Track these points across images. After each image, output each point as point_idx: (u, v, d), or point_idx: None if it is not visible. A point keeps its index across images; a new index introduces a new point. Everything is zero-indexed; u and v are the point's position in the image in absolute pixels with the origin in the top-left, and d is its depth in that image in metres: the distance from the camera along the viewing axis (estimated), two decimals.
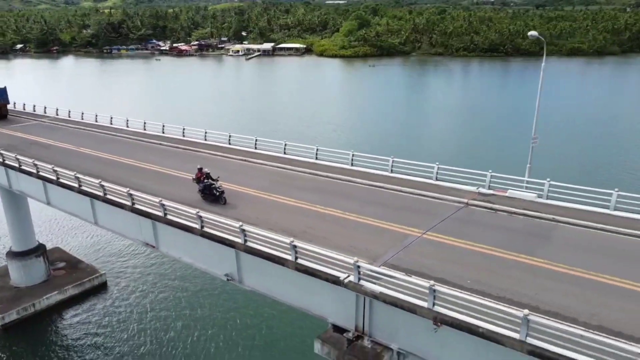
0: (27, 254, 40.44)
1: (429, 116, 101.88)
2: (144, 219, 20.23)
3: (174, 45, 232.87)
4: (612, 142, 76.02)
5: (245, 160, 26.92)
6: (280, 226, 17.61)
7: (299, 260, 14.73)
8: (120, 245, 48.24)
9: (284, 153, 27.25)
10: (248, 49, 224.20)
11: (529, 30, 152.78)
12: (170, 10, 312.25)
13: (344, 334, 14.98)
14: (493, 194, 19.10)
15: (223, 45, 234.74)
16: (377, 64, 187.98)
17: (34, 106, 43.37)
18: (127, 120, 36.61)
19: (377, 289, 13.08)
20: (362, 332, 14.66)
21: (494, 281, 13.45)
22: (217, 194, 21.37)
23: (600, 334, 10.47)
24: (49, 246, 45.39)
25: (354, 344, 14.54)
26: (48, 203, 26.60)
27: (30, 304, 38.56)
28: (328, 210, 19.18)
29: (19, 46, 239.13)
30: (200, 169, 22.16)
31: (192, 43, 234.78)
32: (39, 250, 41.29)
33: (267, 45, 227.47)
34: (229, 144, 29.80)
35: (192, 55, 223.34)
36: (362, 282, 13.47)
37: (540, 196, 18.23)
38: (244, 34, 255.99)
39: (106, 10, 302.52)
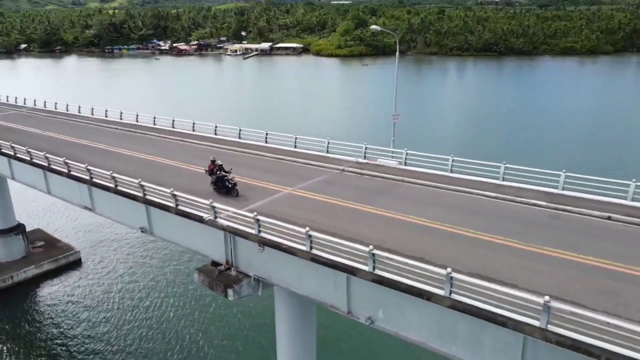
0: (8, 232, 44.51)
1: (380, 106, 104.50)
2: (82, 185, 24.13)
3: (174, 45, 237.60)
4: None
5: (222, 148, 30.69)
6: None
7: (179, 207, 18.55)
8: (97, 226, 52.32)
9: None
10: (246, 49, 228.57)
11: (523, 30, 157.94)
12: (173, 11, 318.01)
13: (218, 267, 18.79)
14: (367, 163, 22.80)
15: (222, 45, 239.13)
16: (371, 63, 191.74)
17: (16, 98, 47.52)
18: (106, 111, 40.63)
19: (226, 223, 16.87)
20: (230, 265, 18.44)
21: (325, 220, 17.13)
22: (230, 185, 21.28)
23: (396, 253, 14.00)
24: (32, 227, 49.64)
25: (222, 273, 18.35)
26: (13, 178, 30.58)
27: (8, 276, 42.58)
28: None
29: (23, 46, 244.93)
30: (213, 161, 22.00)
31: (191, 43, 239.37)
32: (19, 229, 45.33)
33: (265, 45, 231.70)
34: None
35: (191, 54, 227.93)
36: (219, 220, 17.27)
37: (400, 163, 21.91)
38: (243, 33, 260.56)
39: (110, 11, 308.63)
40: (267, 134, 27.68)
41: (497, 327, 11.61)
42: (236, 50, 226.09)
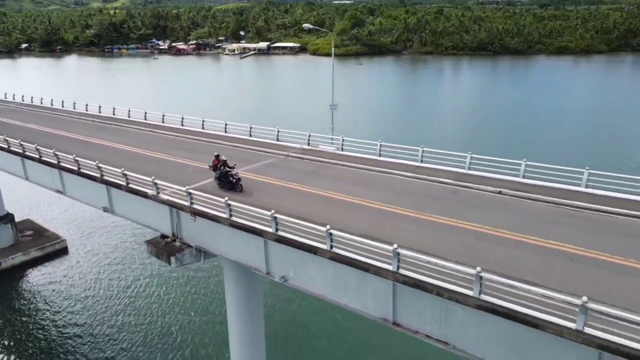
0: None
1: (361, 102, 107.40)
2: (53, 169, 26.42)
3: (173, 44, 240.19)
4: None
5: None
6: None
7: (130, 185, 20.83)
8: (85, 218, 54.70)
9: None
10: (244, 48, 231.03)
11: (518, 29, 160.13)
12: (174, 11, 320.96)
13: (165, 239, 21.05)
14: (310, 149, 25.02)
15: (220, 45, 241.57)
16: (366, 62, 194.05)
17: (5, 94, 49.93)
18: (87, 105, 42.92)
19: (166, 197, 19.13)
20: (175, 237, 20.70)
21: (255, 194, 19.39)
22: (234, 181, 21.44)
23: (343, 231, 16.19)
24: (22, 218, 52.15)
25: (168, 244, 20.60)
26: None
27: None
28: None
29: (23, 46, 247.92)
30: (217, 156, 22.23)
31: (190, 42, 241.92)
32: (7, 218, 47.74)
33: (263, 45, 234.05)
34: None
35: (189, 54, 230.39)
36: (162, 195, 19.54)
37: (338, 149, 24.13)
38: (242, 33, 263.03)
39: (111, 11, 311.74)
40: (226, 124, 29.92)
41: (372, 276, 13.79)
42: (234, 50, 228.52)
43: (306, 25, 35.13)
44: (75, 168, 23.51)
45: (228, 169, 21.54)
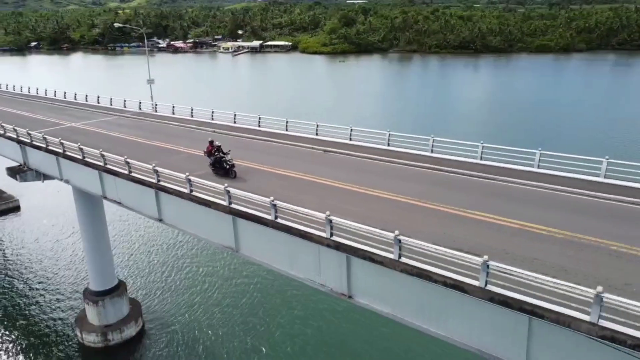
0: None
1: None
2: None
3: (171, 43, 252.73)
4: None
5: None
6: None
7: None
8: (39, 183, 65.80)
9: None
10: (238, 46, 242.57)
11: (500, 28, 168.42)
12: (183, 11, 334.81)
13: (20, 166, 31.73)
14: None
15: (216, 43, 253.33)
16: (353, 60, 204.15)
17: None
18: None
19: (15, 135, 29.87)
20: (25, 165, 31.33)
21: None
22: (227, 167, 21.54)
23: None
24: None
25: (19, 168, 31.28)
26: None
27: None
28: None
29: (33, 44, 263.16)
30: (211, 142, 22.32)
31: (187, 41, 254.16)
32: None
33: (256, 43, 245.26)
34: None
35: (186, 52, 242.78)
36: (8, 134, 30.29)
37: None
38: (240, 32, 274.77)
39: (126, 11, 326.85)
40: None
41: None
42: (228, 48, 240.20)
43: (117, 24, 43.97)
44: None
45: (222, 155, 21.87)
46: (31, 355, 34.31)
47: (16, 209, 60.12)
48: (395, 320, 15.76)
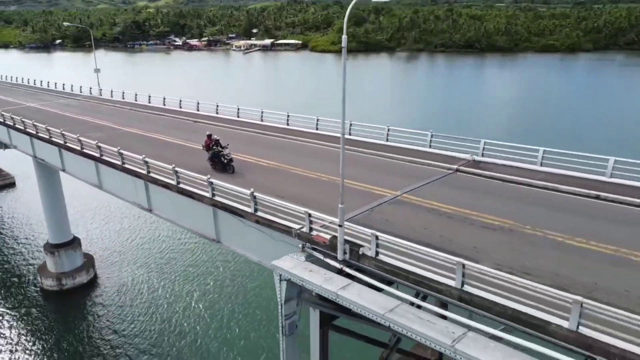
0: None
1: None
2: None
3: (187, 41, 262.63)
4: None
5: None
6: None
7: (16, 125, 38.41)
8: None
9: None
10: (250, 45, 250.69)
11: (506, 28, 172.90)
12: (209, 10, 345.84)
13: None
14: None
15: (229, 42, 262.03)
16: (357, 59, 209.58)
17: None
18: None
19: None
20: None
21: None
22: (225, 161, 20.92)
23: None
24: None
25: None
26: None
27: None
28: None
29: (57, 41, 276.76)
30: (209, 136, 21.68)
31: (202, 39, 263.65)
32: None
33: (267, 41, 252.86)
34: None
35: (201, 50, 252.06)
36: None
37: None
38: (254, 31, 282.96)
39: (150, 10, 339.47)
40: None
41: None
42: (240, 46, 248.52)
43: (66, 24, 51.11)
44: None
45: (220, 149, 21.33)
46: (1, 292, 42.00)
47: (12, 185, 68.49)
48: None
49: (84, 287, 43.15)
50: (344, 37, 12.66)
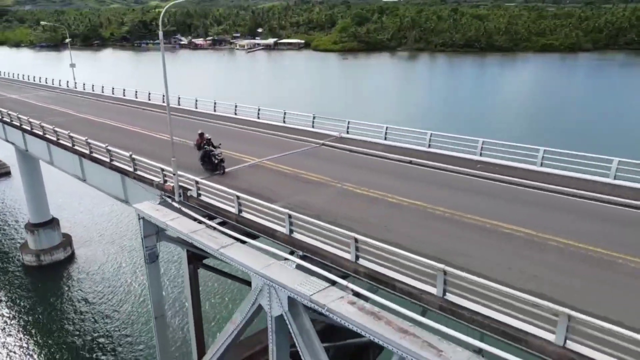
0: None
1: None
2: None
3: (192, 40, 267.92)
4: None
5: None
6: None
7: None
8: None
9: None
10: (254, 44, 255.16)
11: (506, 27, 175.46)
12: (217, 10, 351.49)
13: None
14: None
15: (234, 41, 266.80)
16: (356, 57, 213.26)
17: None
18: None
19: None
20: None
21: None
22: (216, 161, 20.40)
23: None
24: None
25: None
26: None
27: None
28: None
29: (67, 40, 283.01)
30: (201, 134, 21.06)
31: (207, 38, 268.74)
32: None
33: (270, 41, 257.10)
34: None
35: (205, 49, 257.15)
36: None
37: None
38: (259, 30, 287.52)
39: (159, 10, 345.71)
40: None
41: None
42: (244, 45, 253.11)
43: (43, 23, 55.79)
44: None
45: (211, 149, 20.73)
46: None
47: (7, 174, 73.18)
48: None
49: (61, 263, 47.27)
50: (160, 33, 16.08)
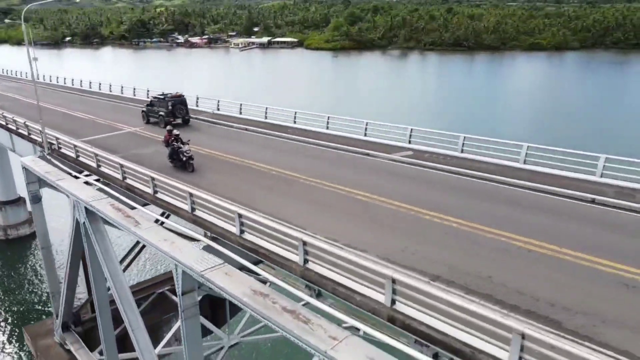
0: None
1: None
2: None
3: (188, 38, 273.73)
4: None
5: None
6: None
7: None
8: None
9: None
10: (248, 43, 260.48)
11: (494, 26, 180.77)
12: (216, 10, 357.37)
13: None
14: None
15: (229, 39, 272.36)
16: (354, 56, 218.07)
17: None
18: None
19: None
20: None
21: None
22: (184, 159, 19.84)
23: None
24: None
25: None
26: None
27: None
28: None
29: (67, 39, 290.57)
30: (169, 131, 20.91)
31: (203, 37, 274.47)
32: None
33: (264, 39, 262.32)
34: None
35: (201, 47, 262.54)
36: None
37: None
38: (255, 29, 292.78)
39: (161, 9, 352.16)
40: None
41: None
42: (238, 44, 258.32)
43: (7, 21, 61.25)
44: None
45: (179, 145, 20.22)
46: None
47: None
48: None
49: (26, 238, 52.61)
50: (24, 28, 21.04)
